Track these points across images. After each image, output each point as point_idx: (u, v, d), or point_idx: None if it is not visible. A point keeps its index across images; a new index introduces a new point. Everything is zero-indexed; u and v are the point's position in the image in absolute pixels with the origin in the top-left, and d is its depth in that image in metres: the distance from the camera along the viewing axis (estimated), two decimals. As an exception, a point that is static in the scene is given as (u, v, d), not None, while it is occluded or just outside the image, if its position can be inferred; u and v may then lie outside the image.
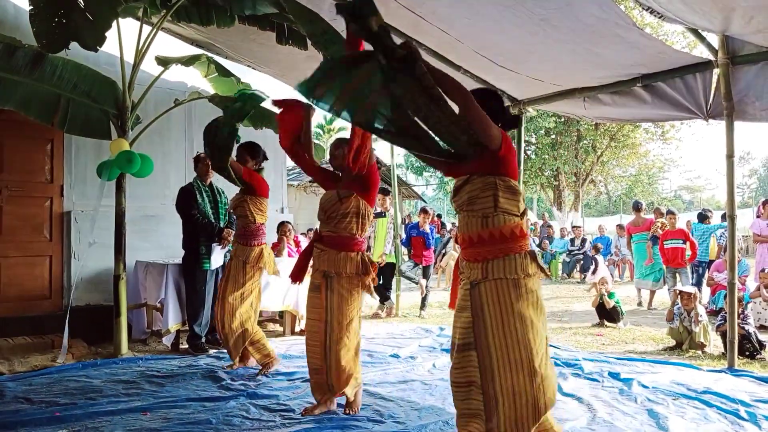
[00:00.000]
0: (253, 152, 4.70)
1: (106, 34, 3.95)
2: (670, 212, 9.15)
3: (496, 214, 2.50)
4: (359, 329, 3.66)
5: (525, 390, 2.40)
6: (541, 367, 2.43)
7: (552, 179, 22.05)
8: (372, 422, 3.50)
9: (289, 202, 8.87)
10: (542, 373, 2.43)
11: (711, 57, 4.88)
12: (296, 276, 3.82)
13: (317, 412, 3.63)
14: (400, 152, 25.72)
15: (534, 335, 2.45)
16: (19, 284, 5.82)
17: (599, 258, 11.23)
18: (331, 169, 3.82)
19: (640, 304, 9.41)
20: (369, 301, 8.52)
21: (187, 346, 5.58)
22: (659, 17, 4.26)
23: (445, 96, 2.33)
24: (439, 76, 2.39)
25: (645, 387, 4.26)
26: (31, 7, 3.79)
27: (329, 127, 35.91)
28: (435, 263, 10.64)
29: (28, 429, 3.38)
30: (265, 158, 4.88)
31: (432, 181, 36.55)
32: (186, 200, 5.43)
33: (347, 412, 3.65)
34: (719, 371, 4.83)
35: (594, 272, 10.18)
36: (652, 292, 9.20)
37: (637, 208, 9.70)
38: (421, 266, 8.74)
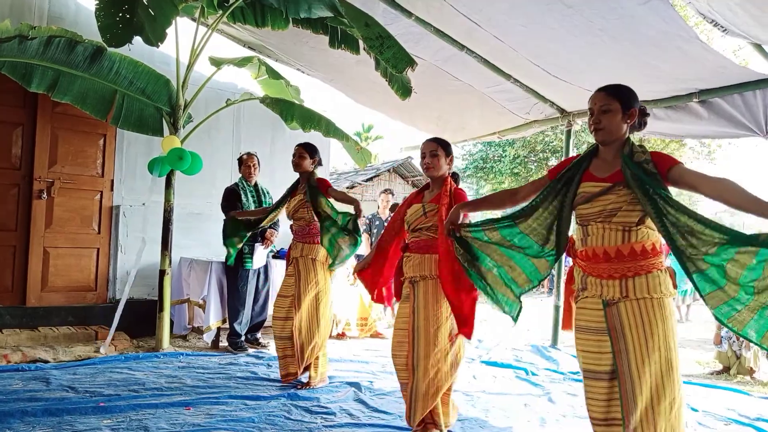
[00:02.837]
0: (312, 151, 4.49)
1: (167, 30, 4.02)
2: None
3: (639, 228, 2.28)
4: (460, 339, 3.26)
5: (665, 420, 2.23)
6: (680, 393, 2.27)
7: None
8: (414, 430, 3.44)
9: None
10: (679, 401, 2.27)
11: (774, 74, 4.73)
12: (397, 293, 3.52)
13: None
14: (458, 155, 25.74)
15: (677, 360, 2.28)
16: (66, 275, 5.93)
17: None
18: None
19: (678, 320, 9.84)
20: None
21: (226, 344, 5.61)
22: (723, 31, 4.14)
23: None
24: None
25: (695, 410, 4.11)
26: (97, 3, 3.88)
27: (366, 134, 36.03)
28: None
29: (74, 417, 3.42)
30: (320, 163, 4.61)
31: (468, 194, 36.31)
32: (230, 200, 5.50)
33: None
34: (771, 398, 4.66)
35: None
36: (688, 306, 10.08)
37: None
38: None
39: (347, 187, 18.52)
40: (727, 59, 4.54)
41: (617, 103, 2.37)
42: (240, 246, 4.83)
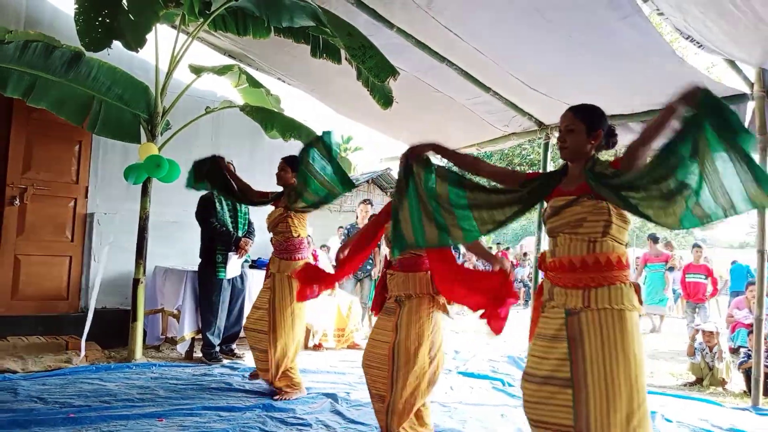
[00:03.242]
0: (294, 165, 4.42)
1: (147, 36, 3.99)
2: (696, 246, 9.05)
3: (604, 239, 2.35)
4: (439, 356, 3.32)
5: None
6: (640, 409, 2.25)
7: (569, 209, 21.87)
8: (391, 442, 3.42)
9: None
10: (639, 418, 2.25)
11: (746, 90, 4.84)
12: (377, 307, 3.57)
13: None
14: None
15: (638, 374, 2.28)
16: (38, 283, 5.81)
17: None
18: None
19: (653, 330, 10.01)
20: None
21: (201, 354, 5.53)
22: (698, 46, 4.23)
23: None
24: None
25: (669, 421, 4.15)
26: (76, 6, 3.84)
27: (346, 146, 36.05)
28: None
29: (43, 429, 3.34)
30: None
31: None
32: (205, 208, 5.43)
33: None
34: (743, 409, 4.72)
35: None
36: (662, 317, 10.22)
37: (654, 239, 10.33)
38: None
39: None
40: (703, 74, 4.64)
41: (582, 124, 2.47)
42: (197, 185, 4.71)
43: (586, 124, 2.47)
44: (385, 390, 3.27)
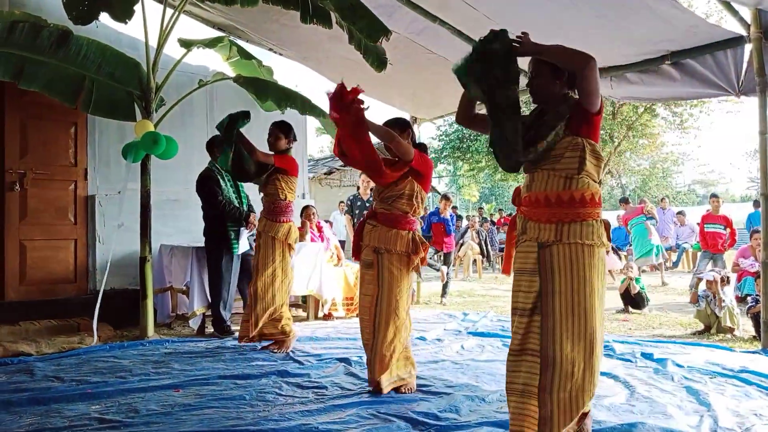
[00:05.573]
0: (287, 130, 4.74)
1: (134, 7, 3.93)
2: (714, 195, 9.01)
3: (580, 176, 2.44)
4: (408, 310, 3.61)
5: (583, 360, 2.40)
6: (599, 342, 2.43)
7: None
8: (407, 398, 3.46)
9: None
10: (599, 351, 2.44)
11: (743, 32, 4.79)
12: (356, 253, 3.77)
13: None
14: (434, 136, 26.16)
15: (599, 306, 2.45)
16: (44, 267, 5.82)
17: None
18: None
19: (663, 284, 10.09)
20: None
21: (212, 330, 5.56)
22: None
23: None
24: (555, 50, 2.51)
25: (680, 366, 4.18)
26: (61, -20, 3.77)
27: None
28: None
29: (61, 405, 3.36)
30: (295, 139, 4.86)
31: (444, 174, 36.45)
32: (209, 187, 5.38)
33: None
34: (753, 352, 4.75)
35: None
36: (660, 265, 10.42)
37: (625, 201, 12.00)
38: (441, 253, 8.68)
39: (325, 173, 18.47)
40: (698, 17, 4.59)
41: (545, 67, 2.56)
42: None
43: (549, 66, 2.56)
44: (369, 339, 3.52)
